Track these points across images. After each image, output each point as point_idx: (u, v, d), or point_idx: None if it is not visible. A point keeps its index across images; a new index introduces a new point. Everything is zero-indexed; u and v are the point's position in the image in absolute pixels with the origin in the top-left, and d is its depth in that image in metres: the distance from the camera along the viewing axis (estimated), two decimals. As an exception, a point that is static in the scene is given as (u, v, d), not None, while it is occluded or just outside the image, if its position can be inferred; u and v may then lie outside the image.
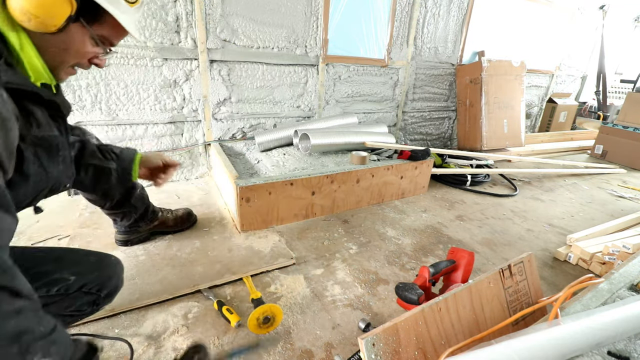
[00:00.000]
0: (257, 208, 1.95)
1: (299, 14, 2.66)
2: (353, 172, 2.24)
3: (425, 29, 3.40)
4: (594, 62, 5.47)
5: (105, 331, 1.24)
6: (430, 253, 1.91)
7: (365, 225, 2.16)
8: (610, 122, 4.21)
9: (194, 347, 1.03)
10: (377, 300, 1.50)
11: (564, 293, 1.04)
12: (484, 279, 1.08)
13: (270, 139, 2.62)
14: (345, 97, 3.19)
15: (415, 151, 2.58)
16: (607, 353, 0.90)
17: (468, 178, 2.91)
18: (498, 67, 3.64)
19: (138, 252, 1.68)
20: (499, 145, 3.78)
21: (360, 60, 3.12)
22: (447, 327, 0.95)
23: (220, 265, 1.61)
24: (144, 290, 1.42)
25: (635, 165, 3.92)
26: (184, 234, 1.87)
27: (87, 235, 1.78)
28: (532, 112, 5.16)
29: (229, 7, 2.37)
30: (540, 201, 2.79)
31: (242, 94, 2.66)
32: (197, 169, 2.68)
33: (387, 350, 0.83)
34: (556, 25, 4.61)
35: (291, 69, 2.80)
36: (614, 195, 3.02)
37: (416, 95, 3.68)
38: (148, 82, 2.27)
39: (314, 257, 1.80)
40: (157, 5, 2.15)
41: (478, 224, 2.31)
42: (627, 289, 1.20)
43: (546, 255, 1.98)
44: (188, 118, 2.49)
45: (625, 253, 1.74)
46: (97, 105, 2.17)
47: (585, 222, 2.43)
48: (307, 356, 1.20)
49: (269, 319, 1.23)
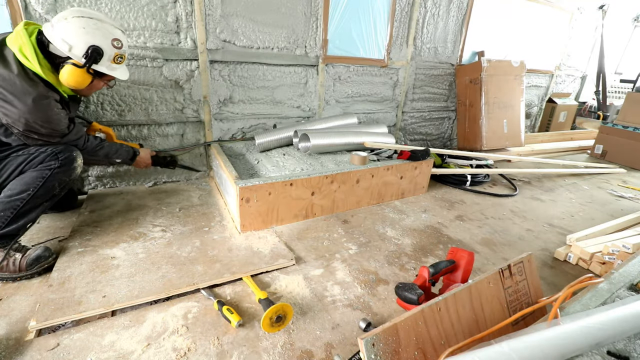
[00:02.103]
0: (257, 208, 1.95)
1: (298, 15, 2.66)
2: (353, 172, 2.25)
3: (424, 29, 3.40)
4: (593, 62, 5.48)
5: (104, 331, 1.24)
6: (430, 253, 1.91)
7: (365, 226, 2.16)
8: (610, 122, 4.22)
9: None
10: (377, 301, 1.50)
11: (563, 293, 1.04)
12: (484, 279, 1.08)
13: (270, 139, 2.63)
14: (345, 97, 3.19)
15: (415, 151, 2.58)
16: (607, 353, 0.90)
17: (468, 178, 2.91)
18: (498, 67, 3.64)
19: (137, 250, 1.69)
20: (499, 145, 3.78)
21: (360, 61, 3.13)
22: (447, 327, 0.96)
23: (220, 265, 1.61)
24: (143, 287, 1.42)
25: (635, 165, 3.92)
26: (184, 233, 1.88)
27: (87, 234, 1.78)
28: (532, 112, 5.16)
29: (229, 7, 2.37)
30: (540, 201, 2.79)
31: (242, 94, 2.66)
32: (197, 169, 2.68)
33: (387, 350, 0.83)
34: (556, 25, 4.61)
35: (291, 70, 2.80)
36: (614, 195, 3.02)
37: (416, 95, 3.68)
38: (148, 83, 2.28)
39: (314, 257, 1.80)
40: (157, 6, 2.15)
41: (478, 224, 2.31)
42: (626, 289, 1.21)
43: (546, 255, 1.98)
44: (189, 118, 2.49)
45: (625, 253, 1.74)
46: (100, 106, 2.18)
47: (585, 222, 2.44)
48: (307, 356, 1.20)
49: (281, 318, 1.28)
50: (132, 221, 1.97)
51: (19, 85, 1.41)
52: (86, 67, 1.53)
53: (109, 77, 1.70)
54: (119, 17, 2.07)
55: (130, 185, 2.45)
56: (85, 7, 1.98)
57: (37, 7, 1.88)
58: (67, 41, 1.48)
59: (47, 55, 1.51)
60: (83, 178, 2.30)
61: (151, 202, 2.22)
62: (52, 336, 1.20)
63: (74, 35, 1.48)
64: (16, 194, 1.47)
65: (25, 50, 1.43)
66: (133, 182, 2.46)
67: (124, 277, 1.49)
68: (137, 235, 1.82)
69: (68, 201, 2.10)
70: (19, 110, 1.41)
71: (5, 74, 1.40)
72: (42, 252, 1.53)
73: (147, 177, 2.50)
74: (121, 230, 1.86)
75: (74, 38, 1.49)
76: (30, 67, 1.45)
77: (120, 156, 1.92)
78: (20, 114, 1.42)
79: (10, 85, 1.40)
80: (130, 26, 2.12)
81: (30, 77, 1.44)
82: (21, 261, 1.47)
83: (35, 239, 1.73)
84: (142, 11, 2.12)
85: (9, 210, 1.46)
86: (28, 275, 1.49)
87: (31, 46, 1.44)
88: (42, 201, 1.54)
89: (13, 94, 1.40)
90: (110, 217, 2.00)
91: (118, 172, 2.38)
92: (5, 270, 1.46)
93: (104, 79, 1.70)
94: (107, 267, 1.55)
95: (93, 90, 1.73)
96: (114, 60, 1.62)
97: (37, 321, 1.22)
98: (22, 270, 1.47)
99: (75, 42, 1.49)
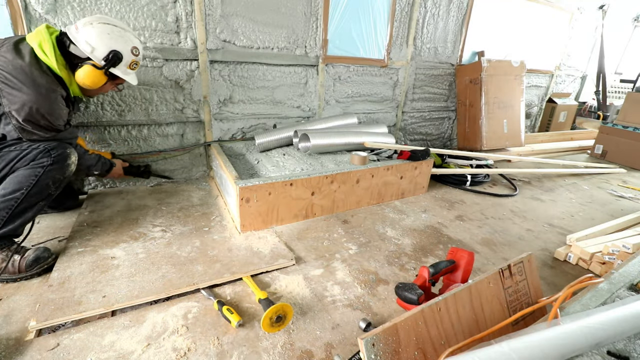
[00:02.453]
0: (257, 208, 1.95)
1: (298, 15, 2.66)
2: (353, 172, 2.25)
3: (424, 29, 3.40)
4: (593, 62, 5.48)
5: (104, 331, 1.24)
6: (430, 253, 1.91)
7: (365, 226, 2.16)
8: (610, 122, 4.22)
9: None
10: (377, 301, 1.50)
11: (563, 293, 1.04)
12: (484, 279, 1.08)
13: (270, 139, 2.62)
14: (345, 97, 3.19)
15: (415, 151, 2.58)
16: (607, 353, 0.90)
17: (468, 178, 2.91)
18: (498, 67, 3.64)
19: (137, 250, 1.69)
20: (499, 145, 3.78)
21: (360, 61, 3.13)
22: (447, 327, 0.95)
23: (220, 265, 1.61)
24: (143, 287, 1.42)
25: (635, 165, 3.92)
26: (184, 233, 1.88)
27: (87, 234, 1.78)
28: (532, 112, 5.16)
29: (229, 7, 2.37)
30: (540, 201, 2.79)
31: (242, 94, 2.66)
32: (198, 169, 2.68)
33: (387, 350, 0.83)
34: (556, 25, 4.61)
35: (291, 70, 2.80)
36: (614, 195, 3.02)
37: (416, 95, 3.68)
38: (149, 83, 2.28)
39: (314, 257, 1.80)
40: (157, 6, 2.15)
41: (478, 224, 2.31)
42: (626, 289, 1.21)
43: (546, 255, 1.98)
44: (189, 118, 2.49)
45: (625, 253, 1.74)
46: (99, 106, 2.18)
47: (585, 222, 2.44)
48: (307, 356, 1.20)
49: (281, 318, 1.28)
50: (132, 221, 1.97)
51: (29, 74, 1.45)
52: (105, 69, 1.63)
53: (119, 81, 1.79)
54: (119, 17, 2.07)
55: (130, 185, 2.45)
56: (86, 7, 1.98)
57: (37, 7, 1.88)
58: (90, 43, 1.58)
59: (65, 55, 1.59)
60: (83, 178, 2.30)
61: (151, 202, 2.22)
62: (52, 336, 1.20)
63: (98, 40, 1.59)
64: (9, 192, 1.46)
65: (44, 46, 1.50)
66: (133, 182, 2.46)
67: (124, 277, 1.49)
68: (137, 235, 1.82)
69: (69, 201, 2.10)
70: (27, 96, 1.43)
71: (18, 63, 1.44)
72: (41, 253, 1.53)
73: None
74: (121, 230, 1.86)
75: (98, 42, 1.59)
76: (45, 61, 1.51)
77: (98, 168, 1.97)
78: (26, 101, 1.43)
79: (20, 74, 1.43)
80: (130, 26, 2.12)
81: (43, 69, 1.49)
82: (20, 262, 1.47)
83: (35, 239, 1.73)
84: (142, 11, 2.12)
85: (3, 211, 1.45)
86: (28, 276, 1.49)
87: (51, 43, 1.51)
88: (38, 200, 1.53)
89: (22, 82, 1.43)
90: (110, 217, 2.00)
91: (118, 172, 2.38)
92: (4, 272, 1.45)
93: (115, 82, 1.79)
94: (107, 267, 1.55)
95: (101, 91, 1.81)
96: (130, 66, 1.74)
97: (37, 321, 1.22)
98: (22, 272, 1.47)
99: (99, 45, 1.59)
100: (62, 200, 2.05)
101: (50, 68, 1.52)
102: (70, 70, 1.62)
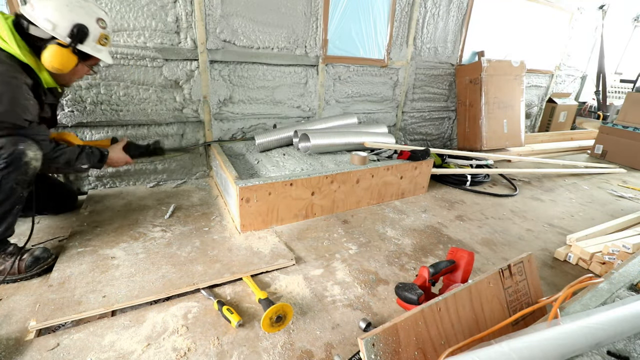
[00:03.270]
0: (257, 208, 1.95)
1: (298, 15, 2.66)
2: (353, 172, 2.25)
3: (424, 29, 3.40)
4: (593, 62, 5.48)
5: (104, 331, 1.24)
6: (430, 253, 1.91)
7: (365, 226, 2.16)
8: (610, 122, 4.22)
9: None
10: (377, 301, 1.50)
11: (563, 293, 1.04)
12: (484, 279, 1.08)
13: (270, 139, 2.62)
14: (345, 97, 3.19)
15: (415, 151, 2.58)
16: (607, 353, 0.90)
17: (468, 178, 2.91)
18: (498, 67, 3.64)
19: (137, 250, 1.69)
20: (499, 145, 3.78)
21: (360, 61, 3.13)
22: (447, 327, 0.95)
23: (220, 265, 1.61)
24: (143, 287, 1.42)
25: (635, 165, 3.92)
26: (184, 233, 1.87)
27: (87, 234, 1.78)
28: (532, 112, 5.16)
29: (229, 7, 2.37)
30: (540, 201, 2.79)
31: (242, 94, 2.66)
32: (198, 169, 2.68)
33: (387, 350, 0.83)
34: (556, 25, 4.61)
35: (291, 70, 2.80)
36: (614, 195, 3.02)
37: (416, 95, 3.68)
38: (148, 83, 2.28)
39: (314, 257, 1.80)
40: (157, 6, 2.15)
41: (478, 224, 2.31)
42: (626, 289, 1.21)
43: (546, 255, 1.98)
44: (188, 118, 2.49)
45: (625, 253, 1.74)
46: (99, 105, 2.18)
47: (585, 222, 2.44)
48: (307, 356, 1.20)
49: (281, 318, 1.28)
50: (132, 221, 1.97)
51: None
52: (71, 46, 1.45)
53: (93, 61, 1.61)
54: (119, 16, 2.07)
55: (130, 185, 2.45)
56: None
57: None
58: (50, 20, 1.40)
59: (26, 39, 1.41)
60: (83, 178, 2.30)
61: (151, 202, 2.22)
62: (52, 336, 1.20)
63: (57, 14, 1.41)
64: None
65: (1, 33, 1.35)
66: (133, 182, 2.46)
67: (124, 277, 1.49)
68: (137, 235, 1.82)
69: (68, 202, 2.09)
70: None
71: None
72: (41, 254, 1.52)
73: (147, 177, 2.50)
74: (121, 230, 1.86)
75: (58, 16, 1.41)
76: (6, 49, 1.35)
77: (84, 161, 1.68)
78: None
79: None
80: (130, 26, 2.12)
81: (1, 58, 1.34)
82: (19, 263, 1.46)
83: (35, 239, 1.73)
84: (142, 11, 2.12)
85: None
86: (28, 277, 1.48)
87: (8, 28, 1.35)
88: (11, 206, 1.42)
89: None
90: (110, 217, 2.00)
91: (118, 172, 2.38)
92: (4, 273, 1.45)
93: (88, 63, 1.61)
94: (107, 267, 1.55)
95: (76, 76, 1.63)
96: (100, 41, 1.56)
97: (37, 321, 1.22)
98: (21, 272, 1.47)
99: (59, 20, 1.41)
100: (62, 200, 2.05)
101: (14, 56, 1.36)
102: (37, 55, 1.43)
